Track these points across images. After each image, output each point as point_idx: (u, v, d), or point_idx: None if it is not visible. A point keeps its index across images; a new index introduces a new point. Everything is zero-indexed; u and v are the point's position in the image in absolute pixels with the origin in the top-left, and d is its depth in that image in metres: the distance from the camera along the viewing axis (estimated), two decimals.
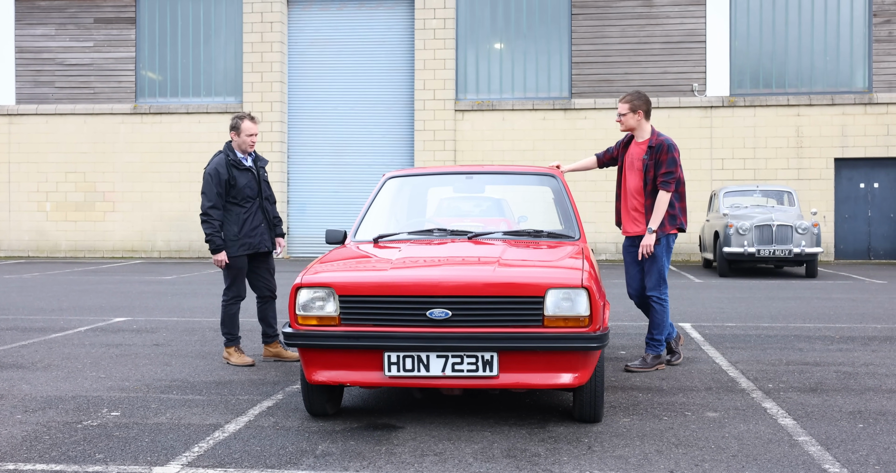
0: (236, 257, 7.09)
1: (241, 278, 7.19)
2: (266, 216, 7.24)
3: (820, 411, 5.46)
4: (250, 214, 7.11)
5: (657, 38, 20.74)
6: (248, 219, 7.10)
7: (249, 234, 7.09)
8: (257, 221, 7.15)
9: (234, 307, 7.19)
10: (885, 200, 20.68)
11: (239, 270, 7.14)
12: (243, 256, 7.12)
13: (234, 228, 7.06)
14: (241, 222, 7.08)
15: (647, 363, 6.82)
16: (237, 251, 7.06)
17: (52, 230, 22.34)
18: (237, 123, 7.15)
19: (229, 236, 7.05)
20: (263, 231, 7.20)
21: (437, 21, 21.11)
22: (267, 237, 7.24)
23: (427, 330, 4.76)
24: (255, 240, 7.12)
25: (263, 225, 7.21)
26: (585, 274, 4.85)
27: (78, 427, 5.10)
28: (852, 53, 20.61)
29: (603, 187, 20.22)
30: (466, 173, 6.81)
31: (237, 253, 7.07)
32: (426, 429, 5.00)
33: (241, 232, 7.07)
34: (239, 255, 7.08)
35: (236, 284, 7.18)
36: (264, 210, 7.23)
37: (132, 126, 22.08)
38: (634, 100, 6.76)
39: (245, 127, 7.13)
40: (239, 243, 7.07)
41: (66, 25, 22.31)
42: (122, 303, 11.56)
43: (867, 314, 10.25)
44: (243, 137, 7.14)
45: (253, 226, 7.11)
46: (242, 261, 7.14)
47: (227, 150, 7.19)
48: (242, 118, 7.17)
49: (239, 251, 7.07)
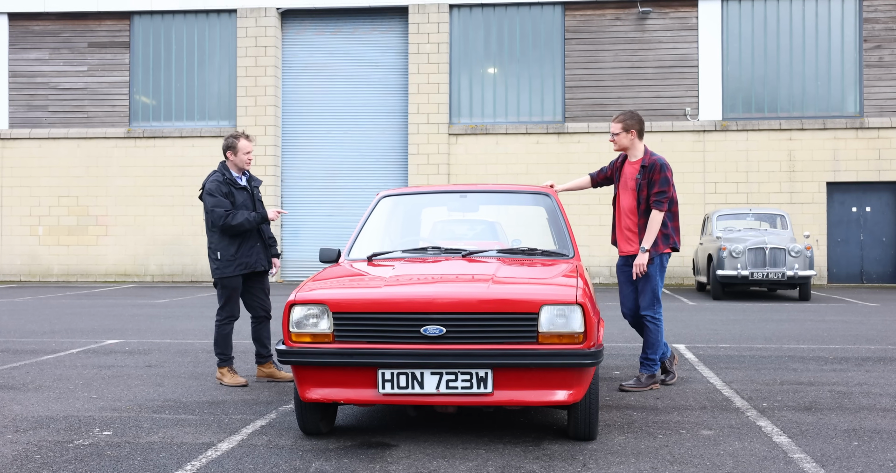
0: (231, 278, 7.07)
1: (235, 298, 7.16)
2: (261, 236, 7.22)
3: (815, 429, 5.45)
4: (247, 234, 7.10)
5: (650, 62, 20.85)
6: (245, 239, 7.09)
7: (246, 253, 7.08)
8: (253, 240, 7.14)
9: (227, 327, 7.15)
10: (877, 224, 20.75)
11: (233, 290, 7.12)
12: (238, 276, 7.10)
13: (230, 248, 7.03)
14: (238, 242, 7.06)
15: (641, 383, 6.80)
16: (233, 272, 7.05)
17: (44, 255, 22.28)
18: (233, 143, 7.14)
19: (226, 256, 7.03)
20: (259, 250, 7.18)
21: (431, 45, 21.21)
22: (263, 257, 7.22)
23: (421, 347, 4.75)
24: (251, 259, 7.11)
25: (259, 244, 7.19)
26: (580, 291, 4.85)
27: (69, 446, 5.07)
28: (843, 78, 20.74)
29: (596, 211, 20.25)
30: (460, 192, 6.83)
31: (233, 273, 7.05)
32: (420, 447, 4.98)
33: (238, 252, 7.05)
34: (235, 275, 7.06)
35: (230, 304, 7.14)
36: (259, 230, 7.21)
37: (126, 150, 22.08)
38: (627, 119, 6.79)
39: (242, 145, 7.13)
40: (235, 263, 7.05)
41: (59, 49, 22.36)
42: (115, 326, 11.52)
43: (860, 336, 10.25)
44: (241, 155, 7.13)
45: (249, 246, 7.10)
46: (237, 281, 7.12)
47: (223, 169, 7.17)
48: (238, 137, 7.16)
49: (235, 272, 7.05)
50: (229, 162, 7.20)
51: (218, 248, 7.06)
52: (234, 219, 6.95)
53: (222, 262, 7.04)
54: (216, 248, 7.07)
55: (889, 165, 20.37)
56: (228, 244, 7.03)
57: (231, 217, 6.95)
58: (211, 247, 7.14)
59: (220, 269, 7.06)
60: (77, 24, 22.31)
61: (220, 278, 7.08)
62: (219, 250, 7.05)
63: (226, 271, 7.04)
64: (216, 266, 7.10)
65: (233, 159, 7.16)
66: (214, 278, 7.14)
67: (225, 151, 7.18)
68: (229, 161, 7.20)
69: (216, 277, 7.11)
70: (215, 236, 7.08)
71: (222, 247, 7.03)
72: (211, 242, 7.14)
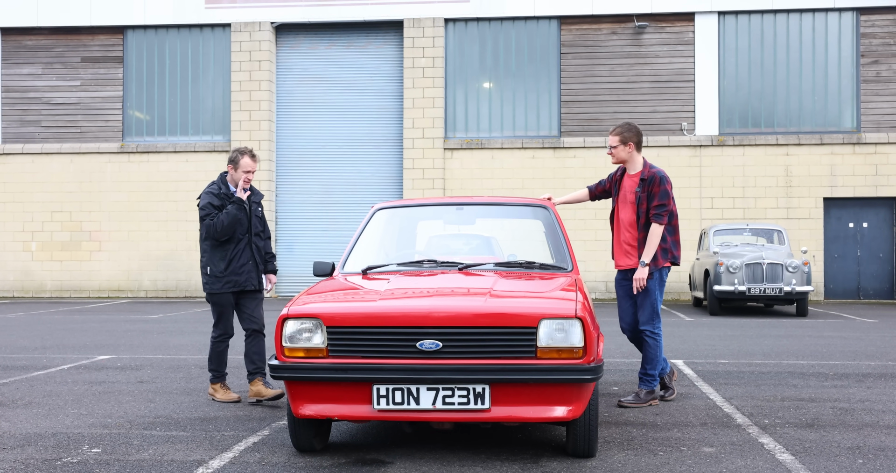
0: (220, 294, 6.92)
1: (227, 315, 7.00)
2: (254, 254, 7.02)
3: (818, 446, 5.34)
4: (238, 251, 6.92)
5: (646, 77, 20.81)
6: (236, 256, 6.92)
7: (236, 271, 6.91)
8: (245, 258, 6.95)
9: (222, 344, 7.00)
10: (874, 239, 20.68)
11: (224, 307, 6.96)
12: (228, 293, 6.94)
13: (220, 264, 6.87)
14: (228, 260, 6.89)
15: (640, 399, 6.69)
16: (221, 288, 6.89)
17: (37, 270, 22.13)
18: (236, 157, 6.94)
19: (215, 272, 6.88)
20: (250, 269, 6.99)
21: (426, 60, 21.16)
22: (254, 275, 7.02)
23: (417, 362, 4.64)
24: (241, 278, 6.93)
25: (251, 263, 7.00)
26: (579, 305, 4.75)
27: (57, 464, 4.95)
28: (840, 93, 20.71)
29: (592, 226, 20.16)
30: (457, 205, 6.72)
31: (221, 290, 6.90)
32: (416, 465, 4.87)
33: (228, 269, 6.88)
34: (223, 292, 6.91)
35: (223, 321, 6.99)
36: (252, 247, 7.02)
37: (119, 165, 21.97)
38: (624, 132, 6.69)
39: (244, 163, 6.93)
40: (224, 280, 6.89)
41: (52, 64, 22.27)
42: (107, 341, 11.39)
43: (860, 352, 10.15)
44: (239, 172, 6.94)
45: (240, 263, 6.93)
46: (228, 298, 6.95)
47: (221, 181, 7.02)
48: (243, 154, 6.96)
49: (224, 289, 6.90)
50: (229, 176, 7.04)
51: (209, 263, 6.91)
52: (218, 223, 6.76)
53: (211, 277, 6.90)
54: (207, 263, 6.93)
55: (886, 181, 20.31)
56: (219, 260, 6.88)
57: (217, 222, 6.76)
58: (202, 261, 7.00)
59: (209, 284, 6.92)
60: (70, 39, 22.23)
61: (209, 293, 6.95)
62: (209, 266, 6.91)
63: (214, 286, 6.90)
64: (205, 281, 6.96)
65: (232, 174, 7.00)
66: (206, 294, 7.00)
67: (228, 163, 7.01)
68: (229, 175, 7.03)
69: (206, 292, 6.98)
70: (206, 250, 6.94)
71: (213, 263, 6.89)
72: (202, 256, 7.00)
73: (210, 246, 6.91)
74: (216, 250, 6.88)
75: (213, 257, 6.88)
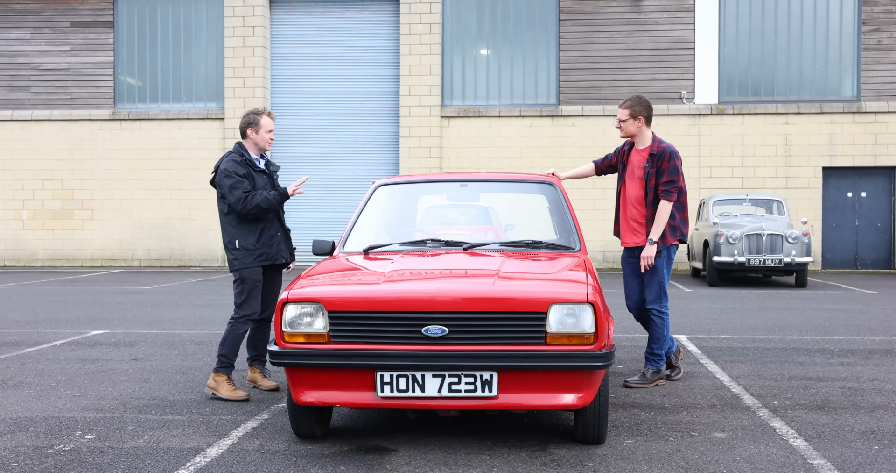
0: (251, 269, 6.30)
1: (256, 293, 6.34)
2: (282, 225, 6.58)
3: (831, 431, 5.20)
4: (268, 222, 6.43)
5: (646, 44, 20.53)
6: (266, 228, 6.38)
7: (267, 243, 6.37)
8: (274, 230, 6.43)
9: (244, 326, 6.33)
10: (873, 209, 20.53)
11: (255, 283, 6.33)
12: (258, 268, 6.35)
13: (250, 237, 6.31)
14: (259, 231, 6.35)
15: (646, 379, 6.55)
16: (252, 262, 6.29)
17: (28, 239, 21.90)
18: (255, 119, 6.38)
19: (245, 245, 6.30)
20: (280, 241, 6.47)
21: (423, 26, 20.85)
22: (284, 248, 6.49)
23: (422, 348, 4.48)
24: (272, 250, 6.39)
25: (280, 235, 6.48)
26: (590, 288, 4.58)
27: (49, 452, 4.79)
28: (841, 62, 20.46)
29: (590, 196, 19.98)
30: (461, 181, 6.50)
31: (253, 265, 6.29)
32: (421, 452, 4.72)
33: (259, 242, 6.33)
34: (254, 266, 6.31)
35: (250, 300, 6.31)
36: (280, 218, 6.56)
37: (111, 132, 21.68)
38: (635, 105, 6.47)
39: (265, 123, 6.38)
40: (255, 253, 6.31)
41: (41, 29, 21.89)
42: (100, 315, 11.21)
43: (863, 326, 10.03)
44: (262, 133, 6.38)
45: (270, 235, 6.42)
46: (258, 273, 6.34)
47: (240, 150, 6.42)
48: (260, 114, 6.41)
49: (255, 263, 6.30)
50: (248, 141, 6.44)
51: (237, 236, 6.31)
52: (252, 200, 6.20)
53: (241, 252, 6.29)
54: (234, 237, 6.32)
55: (885, 150, 20.13)
56: (249, 233, 6.34)
57: (251, 198, 6.20)
58: (227, 236, 6.38)
59: (240, 259, 6.29)
60: (59, 3, 21.83)
61: (240, 269, 6.29)
62: (237, 239, 6.30)
63: (245, 261, 6.28)
64: (234, 257, 6.32)
65: (253, 138, 6.40)
66: (233, 271, 6.40)
67: (245, 129, 6.41)
68: (248, 140, 6.43)
69: (235, 268, 6.32)
70: (232, 223, 6.37)
71: (241, 236, 6.29)
72: (227, 231, 6.38)
73: (237, 219, 6.36)
74: (244, 223, 6.34)
75: (242, 230, 6.31)
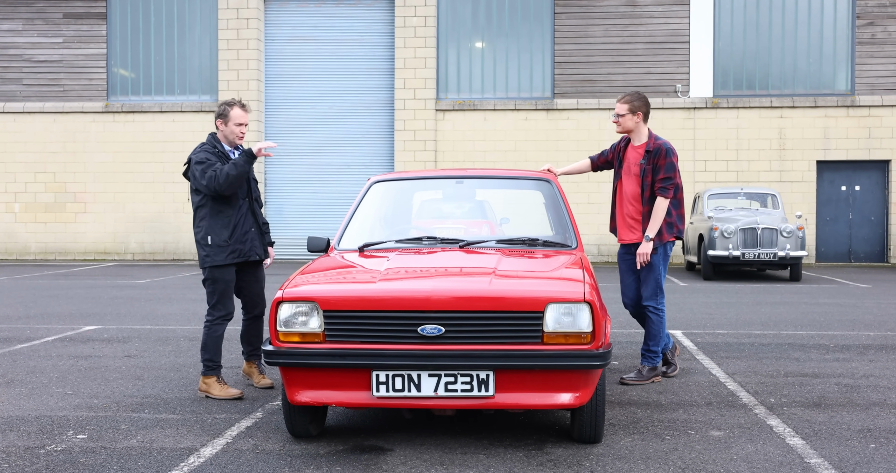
0: (224, 268, 6.10)
1: (229, 293, 6.16)
2: (256, 220, 6.37)
3: (828, 429, 5.19)
4: (241, 216, 6.21)
5: (641, 38, 20.49)
6: (239, 222, 6.15)
7: (240, 239, 6.13)
8: (248, 225, 6.20)
9: (220, 327, 6.14)
10: (867, 202, 20.54)
11: (227, 284, 6.14)
12: (232, 266, 6.14)
13: (223, 232, 6.08)
14: (232, 227, 6.11)
15: (643, 376, 6.53)
16: (225, 260, 6.07)
17: (21, 232, 21.82)
18: (225, 110, 6.18)
19: (218, 241, 6.07)
20: (254, 237, 6.24)
21: (418, 19, 20.77)
22: (258, 244, 6.27)
23: (418, 347, 4.45)
24: (245, 247, 6.16)
25: (254, 230, 6.26)
26: (587, 287, 4.55)
27: (40, 452, 4.75)
28: (835, 55, 20.44)
29: (585, 189, 19.95)
30: (457, 178, 6.46)
31: (225, 262, 6.07)
32: (417, 452, 4.69)
33: (232, 237, 6.10)
34: (227, 264, 6.10)
35: (223, 300, 6.13)
36: (254, 214, 6.36)
37: (104, 125, 21.59)
38: (634, 101, 6.42)
39: (235, 115, 6.16)
40: (228, 250, 6.08)
41: (34, 20, 21.77)
42: (93, 310, 11.16)
43: (858, 321, 10.02)
44: (231, 125, 6.18)
45: (244, 230, 6.16)
46: (231, 273, 6.15)
47: (213, 141, 6.23)
48: (232, 105, 6.20)
49: (227, 260, 6.08)
50: (220, 134, 6.26)
51: (209, 232, 6.09)
52: (221, 173, 5.96)
53: (213, 248, 6.07)
54: (207, 232, 6.10)
55: (879, 144, 20.13)
56: (221, 228, 6.07)
57: (219, 172, 5.96)
58: (200, 233, 6.15)
59: (211, 256, 6.08)
60: None
61: (211, 266, 6.10)
62: (210, 235, 6.08)
63: (217, 258, 6.07)
64: (206, 253, 6.11)
65: (222, 130, 6.23)
66: (204, 269, 6.16)
67: (216, 120, 6.24)
68: (219, 133, 6.26)
69: (206, 266, 6.12)
70: (204, 218, 6.16)
71: (214, 231, 6.07)
72: (199, 227, 6.16)
73: (209, 213, 6.10)
74: (217, 218, 6.13)
75: (214, 225, 6.09)
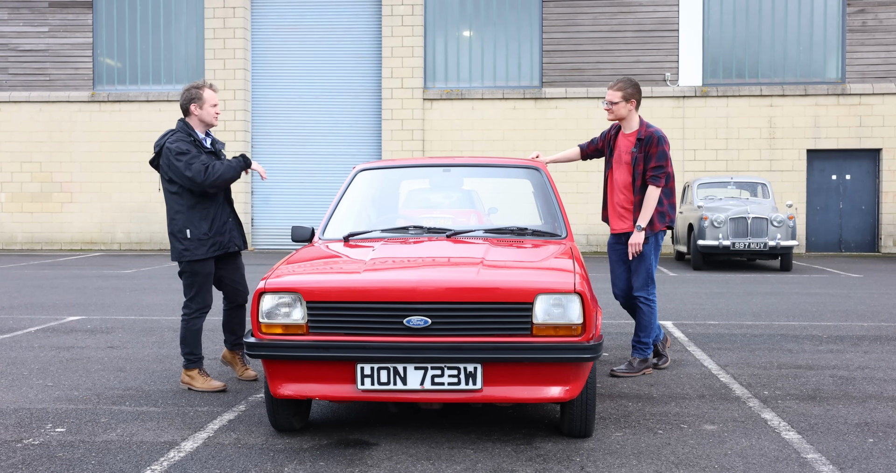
0: (203, 262, 5.91)
1: (207, 286, 5.99)
2: (232, 210, 6.19)
3: (824, 423, 5.08)
4: (218, 208, 6.02)
5: (629, 26, 20.36)
6: (218, 213, 5.97)
7: (220, 231, 5.96)
8: (225, 216, 6.02)
9: (198, 321, 5.96)
10: (857, 192, 20.48)
11: (206, 276, 5.96)
12: (211, 259, 5.96)
13: (202, 224, 5.89)
14: (211, 219, 5.92)
15: (633, 368, 6.42)
16: (206, 253, 5.88)
17: (7, 222, 21.62)
18: (197, 94, 5.91)
19: (198, 234, 5.87)
20: (232, 227, 6.08)
21: (405, 7, 20.60)
22: (236, 235, 6.10)
23: (404, 340, 4.33)
24: (224, 239, 5.99)
25: (231, 220, 6.08)
26: (578, 278, 4.43)
27: (17, 446, 4.62)
28: (826, 43, 20.35)
29: (573, 178, 19.85)
30: (443, 166, 6.34)
31: (205, 256, 5.89)
32: (402, 446, 4.58)
33: (212, 230, 5.91)
34: (207, 258, 5.91)
35: (202, 293, 5.96)
36: (229, 203, 6.18)
37: (90, 114, 21.39)
38: (628, 87, 6.28)
39: (208, 96, 5.93)
40: (209, 242, 5.90)
41: (19, 9, 21.53)
42: (78, 300, 11.02)
43: (850, 311, 9.94)
44: (207, 108, 5.92)
45: (222, 222, 5.99)
46: (210, 265, 5.96)
47: (186, 128, 5.95)
48: (201, 87, 5.94)
49: (208, 253, 5.89)
50: (192, 118, 5.97)
51: (188, 225, 5.86)
52: (214, 171, 5.77)
53: (192, 242, 5.86)
54: (185, 225, 5.87)
55: (870, 133, 20.06)
56: (200, 220, 5.87)
57: (213, 169, 5.77)
58: (176, 225, 5.92)
59: (191, 251, 5.86)
60: None
61: (189, 261, 5.89)
62: (188, 229, 5.86)
63: (197, 252, 5.86)
64: (184, 247, 5.89)
65: (197, 114, 5.94)
66: (181, 263, 5.94)
67: (188, 105, 5.93)
68: (192, 117, 5.97)
69: (185, 260, 5.90)
70: (182, 211, 5.94)
71: (193, 224, 5.85)
72: (176, 220, 5.92)
73: (186, 205, 5.88)
74: (194, 210, 5.91)
75: (193, 217, 5.87)
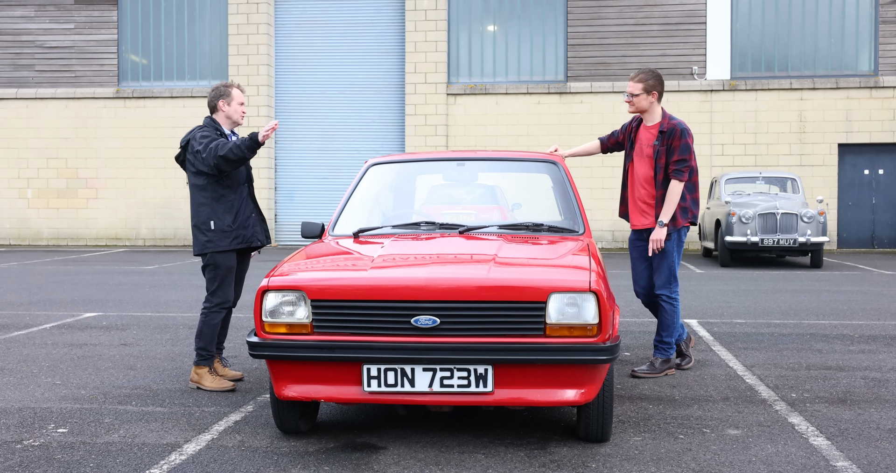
0: (226, 253, 5.91)
1: (229, 279, 5.96)
2: (255, 206, 6.18)
3: (855, 428, 4.86)
4: (242, 201, 6.01)
5: (656, 19, 20.07)
6: (242, 207, 5.97)
7: (244, 225, 5.96)
8: (249, 210, 6.03)
9: (217, 315, 5.93)
10: (890, 187, 20.09)
11: (229, 270, 5.94)
12: (233, 252, 5.96)
13: (227, 217, 5.89)
14: (235, 211, 5.93)
15: (655, 368, 6.22)
16: (229, 245, 5.89)
17: (33, 218, 21.67)
18: (226, 91, 5.99)
19: (222, 226, 5.88)
20: (255, 223, 6.08)
21: (429, 2, 20.41)
22: (259, 230, 6.09)
23: (412, 340, 4.15)
24: (248, 232, 5.99)
25: (255, 216, 6.09)
26: (593, 275, 4.24)
27: (17, 447, 4.50)
28: (858, 35, 19.96)
29: (599, 174, 19.60)
30: (457, 160, 6.14)
31: (229, 247, 5.89)
32: (411, 451, 4.41)
33: (236, 222, 5.92)
34: (231, 249, 5.91)
35: (224, 287, 5.94)
36: (253, 198, 6.18)
37: (115, 111, 21.39)
38: (649, 79, 6.06)
39: (237, 95, 6.02)
40: (233, 235, 5.90)
41: (45, 6, 21.56)
42: (96, 296, 10.94)
43: (883, 310, 9.66)
44: (234, 105, 6.00)
45: (246, 216, 5.99)
46: (232, 259, 5.96)
47: (213, 123, 6.01)
48: (230, 86, 6.03)
49: (231, 245, 5.89)
50: (220, 115, 6.04)
51: (212, 217, 5.88)
52: (223, 146, 5.75)
53: (216, 233, 5.87)
54: (209, 217, 5.89)
55: None
56: (224, 213, 5.88)
57: (221, 145, 5.76)
58: (200, 218, 5.93)
59: (214, 242, 5.87)
60: None
61: (213, 252, 5.88)
62: (212, 220, 5.88)
63: (220, 244, 5.87)
64: (208, 239, 5.89)
65: (226, 111, 6.01)
66: (205, 255, 5.92)
67: (216, 102, 6.01)
68: (220, 114, 6.04)
69: (208, 251, 5.89)
70: (206, 202, 5.88)
71: (217, 216, 5.87)
72: (200, 212, 5.94)
73: (211, 198, 5.89)
74: (219, 203, 5.88)
75: (217, 209, 5.89)
